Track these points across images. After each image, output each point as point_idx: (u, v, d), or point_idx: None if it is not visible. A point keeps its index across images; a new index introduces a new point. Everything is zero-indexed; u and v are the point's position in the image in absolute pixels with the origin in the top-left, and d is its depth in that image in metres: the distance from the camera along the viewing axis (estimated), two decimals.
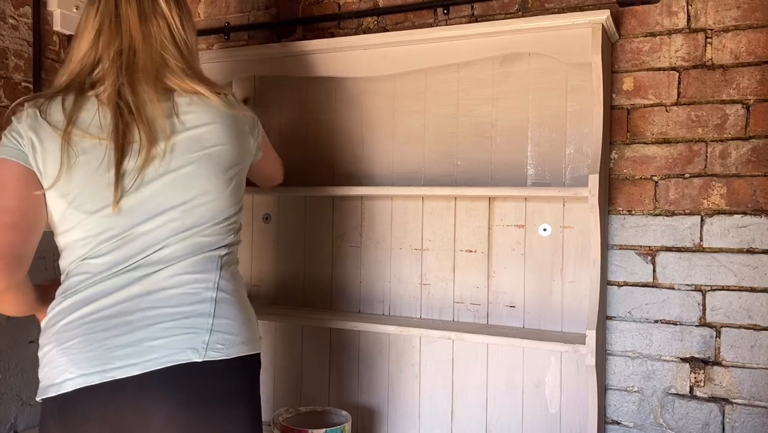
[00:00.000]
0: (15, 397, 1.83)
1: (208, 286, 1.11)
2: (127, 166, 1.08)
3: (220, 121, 1.15)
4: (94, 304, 1.07)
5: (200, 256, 1.12)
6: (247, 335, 1.13)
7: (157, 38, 1.17)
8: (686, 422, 1.69)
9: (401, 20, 2.00)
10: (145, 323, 1.06)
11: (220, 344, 1.07)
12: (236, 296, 1.15)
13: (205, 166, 1.12)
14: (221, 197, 1.14)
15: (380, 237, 1.98)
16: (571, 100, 1.75)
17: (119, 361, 1.03)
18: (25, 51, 1.87)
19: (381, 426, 1.96)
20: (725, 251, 1.66)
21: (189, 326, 1.07)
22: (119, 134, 1.08)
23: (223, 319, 1.10)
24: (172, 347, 1.05)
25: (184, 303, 1.08)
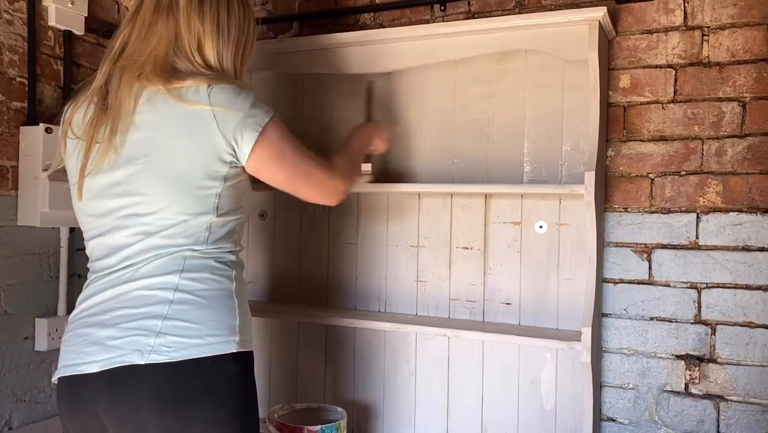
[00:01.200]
0: (9, 393, 1.82)
1: (167, 288, 1.11)
2: (90, 158, 1.14)
3: (173, 123, 1.12)
4: (86, 302, 1.16)
5: (163, 258, 1.12)
6: (207, 337, 1.09)
7: (157, 33, 1.17)
8: (681, 419, 1.69)
9: (398, 17, 2.00)
10: (113, 322, 1.10)
11: (167, 347, 1.06)
12: (203, 298, 1.12)
13: (153, 170, 1.11)
14: (173, 203, 1.12)
15: (376, 234, 1.98)
16: (567, 97, 1.75)
17: (87, 357, 1.10)
18: (20, 46, 1.86)
19: (376, 423, 1.96)
20: (721, 249, 1.66)
21: (141, 328, 1.08)
22: (92, 126, 1.15)
23: (175, 321, 1.09)
24: (124, 347, 1.07)
25: (144, 304, 1.10)
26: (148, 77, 1.12)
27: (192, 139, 1.11)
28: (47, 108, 1.95)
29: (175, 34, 1.17)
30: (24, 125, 1.86)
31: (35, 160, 1.84)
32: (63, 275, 1.95)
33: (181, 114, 1.11)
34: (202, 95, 1.11)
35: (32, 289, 1.89)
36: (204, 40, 1.18)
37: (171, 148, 1.11)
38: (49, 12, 1.93)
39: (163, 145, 1.11)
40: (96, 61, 2.17)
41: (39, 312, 1.91)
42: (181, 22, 1.17)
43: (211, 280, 1.14)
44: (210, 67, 1.19)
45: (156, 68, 1.14)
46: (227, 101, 1.12)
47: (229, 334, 1.12)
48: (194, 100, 1.10)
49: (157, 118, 1.12)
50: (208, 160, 1.12)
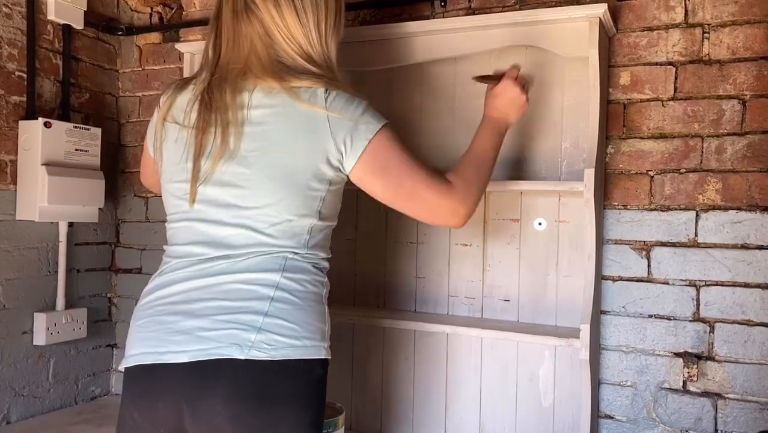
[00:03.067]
0: (8, 388, 1.82)
1: (268, 284, 1.09)
2: (203, 164, 1.12)
3: (286, 119, 1.10)
4: (167, 289, 1.13)
5: (264, 255, 1.11)
6: (304, 339, 1.09)
7: (247, 37, 1.16)
8: (679, 416, 1.70)
9: (398, 12, 1.99)
10: (203, 313, 1.08)
11: (267, 344, 1.05)
12: (300, 299, 1.11)
13: (263, 167, 1.10)
14: (280, 201, 1.10)
15: (375, 230, 1.98)
16: (567, 94, 1.74)
17: (173, 346, 1.07)
18: (19, 40, 1.85)
19: (375, 419, 1.97)
20: (720, 247, 1.66)
21: (240, 322, 1.06)
22: (199, 131, 1.13)
23: (276, 319, 1.07)
24: (220, 340, 1.05)
25: (242, 298, 1.08)
26: (257, 74, 1.12)
27: (305, 140, 1.10)
28: (46, 102, 1.95)
29: (265, 32, 1.16)
30: (23, 119, 1.86)
31: (34, 154, 1.84)
32: (61, 270, 1.95)
33: (298, 113, 1.10)
34: (319, 99, 1.10)
35: (31, 283, 1.89)
36: (291, 29, 1.17)
37: (284, 146, 1.10)
38: (48, 6, 1.92)
39: (277, 141, 1.10)
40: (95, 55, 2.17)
41: (37, 307, 1.91)
42: (265, 20, 1.16)
43: (308, 283, 1.13)
44: (308, 56, 1.17)
45: (263, 67, 1.13)
46: (342, 107, 1.11)
47: (321, 339, 1.12)
48: (311, 102, 1.10)
49: (273, 114, 1.10)
50: (318, 163, 1.11)
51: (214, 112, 1.13)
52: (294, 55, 1.16)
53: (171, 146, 1.18)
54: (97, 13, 2.13)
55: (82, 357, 2.12)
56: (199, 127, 1.13)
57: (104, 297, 2.24)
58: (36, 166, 1.83)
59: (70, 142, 1.92)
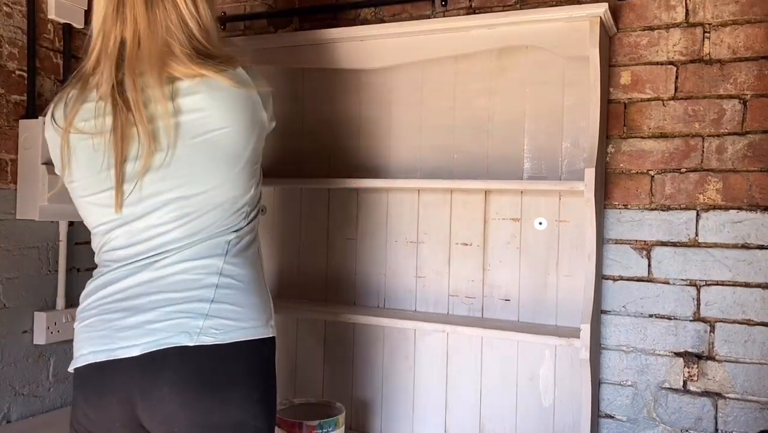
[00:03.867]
0: (8, 387, 1.82)
1: (211, 271, 1.11)
2: (128, 169, 1.08)
3: (224, 102, 1.09)
4: (111, 287, 1.13)
5: (206, 242, 1.12)
6: (250, 321, 1.12)
7: (162, 24, 1.11)
8: (679, 416, 1.69)
9: (399, 12, 1.99)
10: (150, 306, 1.09)
11: (215, 329, 1.08)
12: (245, 282, 1.14)
13: (205, 151, 1.08)
14: (226, 183, 1.11)
15: (376, 229, 1.98)
16: (568, 93, 1.74)
17: (123, 341, 1.08)
18: (19, 39, 1.85)
19: (375, 418, 1.97)
20: (720, 246, 1.66)
21: (187, 311, 1.08)
22: (117, 135, 1.07)
23: (222, 304, 1.10)
24: (169, 330, 1.07)
25: (187, 288, 1.09)
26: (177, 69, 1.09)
27: (245, 118, 1.12)
28: (46, 101, 1.95)
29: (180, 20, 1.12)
30: (23, 118, 1.86)
31: (34, 153, 1.83)
32: (62, 269, 1.95)
33: (231, 94, 1.10)
34: (243, 77, 1.12)
35: (31, 282, 1.89)
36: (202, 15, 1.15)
37: (225, 128, 1.09)
38: (49, 5, 1.92)
39: (218, 124, 1.09)
40: None
41: (38, 306, 1.91)
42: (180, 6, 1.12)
43: (248, 265, 1.16)
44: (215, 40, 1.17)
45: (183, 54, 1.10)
46: (259, 80, 1.15)
47: (267, 318, 1.16)
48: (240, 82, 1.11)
49: (207, 99, 1.08)
50: (259, 136, 1.16)
51: (133, 110, 1.07)
52: (204, 42, 1.14)
53: (84, 158, 1.12)
54: None
55: None
56: (117, 129, 1.08)
57: None
58: (36, 166, 1.82)
59: None
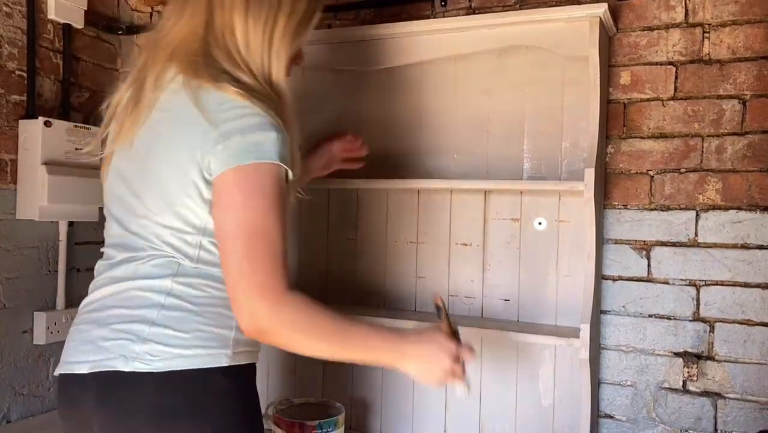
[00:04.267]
0: (8, 387, 1.82)
1: (160, 291, 1.03)
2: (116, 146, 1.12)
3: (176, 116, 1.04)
4: (90, 296, 1.13)
5: (159, 259, 1.05)
6: (193, 348, 1.01)
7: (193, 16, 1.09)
8: (679, 416, 1.69)
9: (398, 12, 1.99)
10: (106, 321, 1.05)
11: (151, 355, 0.99)
12: (196, 305, 1.04)
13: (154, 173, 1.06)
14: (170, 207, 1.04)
15: (375, 229, 1.98)
16: (567, 93, 1.74)
17: (81, 355, 1.06)
18: (19, 39, 1.85)
19: (374, 418, 1.96)
20: (720, 246, 1.66)
21: (129, 331, 1.02)
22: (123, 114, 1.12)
23: (162, 328, 1.01)
24: (112, 350, 1.02)
25: (137, 306, 1.04)
26: (180, 60, 1.06)
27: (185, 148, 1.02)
28: (46, 102, 1.95)
29: (207, 19, 1.08)
30: (23, 119, 1.86)
31: (34, 153, 1.83)
32: (62, 269, 1.95)
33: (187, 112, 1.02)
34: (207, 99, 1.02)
35: (31, 282, 1.89)
36: (234, 19, 1.07)
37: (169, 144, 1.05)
38: (49, 5, 1.92)
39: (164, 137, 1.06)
40: (96, 54, 2.17)
41: (38, 306, 1.91)
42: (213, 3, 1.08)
43: (207, 287, 1.05)
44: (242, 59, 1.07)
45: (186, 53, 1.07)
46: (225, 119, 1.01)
47: (221, 347, 1.04)
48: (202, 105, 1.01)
49: (171, 107, 1.06)
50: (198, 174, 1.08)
51: (138, 87, 1.10)
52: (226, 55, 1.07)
53: None
54: (98, 13, 2.13)
55: None
56: (127, 108, 1.12)
57: None
58: (36, 166, 1.83)
59: (70, 142, 1.92)
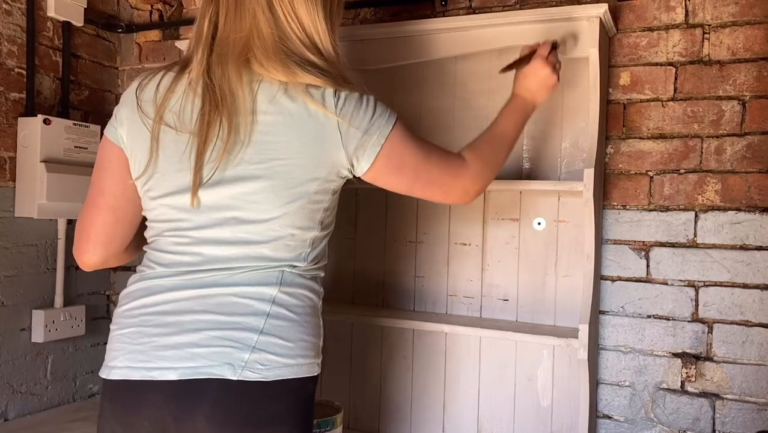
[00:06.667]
0: (6, 385, 1.82)
1: (264, 299, 1.02)
2: (206, 157, 1.02)
3: (297, 126, 1.01)
4: (154, 297, 1.05)
5: (262, 270, 1.04)
6: (298, 358, 1.04)
7: (250, 8, 1.04)
8: (677, 417, 1.70)
9: (399, 12, 1.99)
10: (194, 326, 1.01)
11: (261, 364, 0.99)
12: (297, 315, 1.05)
13: (269, 180, 1.01)
14: (284, 216, 1.03)
15: (375, 229, 1.98)
16: (567, 94, 1.74)
17: (162, 361, 1.01)
18: (19, 37, 1.85)
19: (373, 418, 1.97)
20: (719, 247, 1.66)
21: (233, 339, 1.00)
22: (204, 122, 1.02)
23: (271, 337, 1.01)
24: (212, 358, 0.99)
25: (236, 313, 1.01)
26: (261, 62, 1.02)
27: (315, 150, 1.02)
28: (45, 99, 1.95)
29: (268, 7, 1.04)
30: (22, 116, 1.86)
31: (33, 151, 1.83)
32: (60, 267, 1.95)
33: (306, 117, 1.01)
34: (329, 102, 1.02)
35: (29, 280, 1.89)
36: (298, 9, 1.05)
37: (291, 156, 1.02)
38: (48, 3, 1.92)
39: (284, 150, 1.01)
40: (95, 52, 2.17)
41: (36, 304, 1.91)
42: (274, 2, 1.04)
43: (304, 296, 1.08)
44: (314, 45, 1.06)
45: (266, 50, 1.02)
46: (352, 114, 1.04)
47: (315, 355, 1.08)
48: (321, 105, 1.01)
49: (282, 121, 1.01)
50: (327, 175, 1.05)
51: (218, 95, 1.01)
52: (297, 42, 1.05)
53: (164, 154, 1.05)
54: (97, 11, 2.13)
55: (80, 354, 2.11)
56: (205, 114, 1.02)
57: (103, 295, 2.24)
58: (35, 163, 1.83)
59: (69, 140, 1.92)
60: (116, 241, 1.13)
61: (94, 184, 1.12)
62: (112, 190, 1.11)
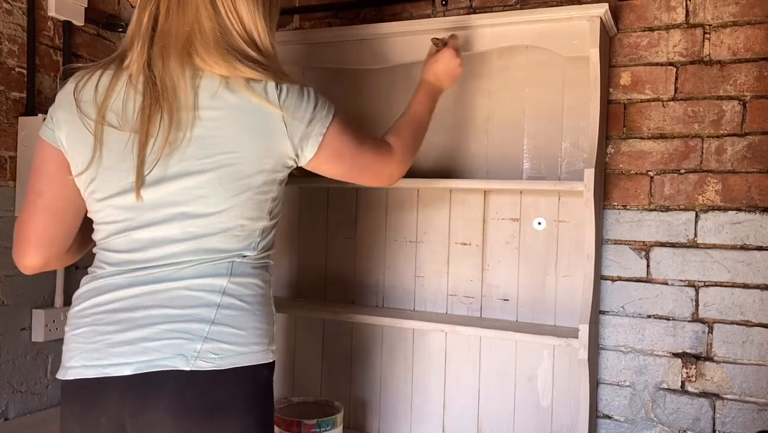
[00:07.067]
0: (6, 384, 1.82)
1: (214, 290, 1.04)
2: (147, 153, 1.02)
3: (242, 120, 1.03)
4: (106, 296, 1.06)
5: (212, 262, 1.05)
6: (251, 345, 1.05)
7: (192, 2, 1.05)
8: (677, 417, 1.70)
9: (399, 11, 1.99)
10: (147, 322, 1.03)
11: (213, 353, 1.01)
12: (248, 303, 1.07)
13: (216, 173, 1.02)
14: (233, 208, 1.04)
15: (375, 228, 1.98)
16: (568, 93, 1.74)
17: (116, 358, 1.02)
18: (19, 36, 1.85)
19: (373, 417, 1.97)
20: (719, 247, 1.66)
21: (185, 331, 1.01)
22: (145, 117, 1.02)
23: (223, 327, 1.03)
24: (165, 351, 1.01)
25: (187, 306, 1.03)
26: (202, 57, 1.02)
27: (261, 142, 1.04)
28: (46, 99, 1.95)
29: (210, 1, 1.05)
30: (22, 116, 1.86)
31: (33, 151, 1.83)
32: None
33: (250, 110, 1.03)
34: (272, 95, 1.04)
35: (30, 280, 1.89)
36: (238, 3, 1.07)
37: (239, 151, 1.03)
38: (49, 2, 1.92)
39: (231, 147, 1.03)
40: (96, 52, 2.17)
41: (36, 303, 1.91)
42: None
43: (255, 285, 1.10)
44: (252, 41, 1.08)
45: (207, 44, 1.03)
46: (295, 106, 1.06)
47: (269, 343, 1.09)
48: (265, 98, 1.03)
49: (226, 115, 1.02)
50: (274, 166, 1.07)
51: (160, 89, 1.01)
52: (237, 37, 1.07)
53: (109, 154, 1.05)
54: (98, 10, 2.12)
55: None
56: (146, 107, 1.01)
57: None
58: None
59: None
60: (57, 243, 1.13)
61: (32, 187, 1.12)
62: (51, 192, 1.11)
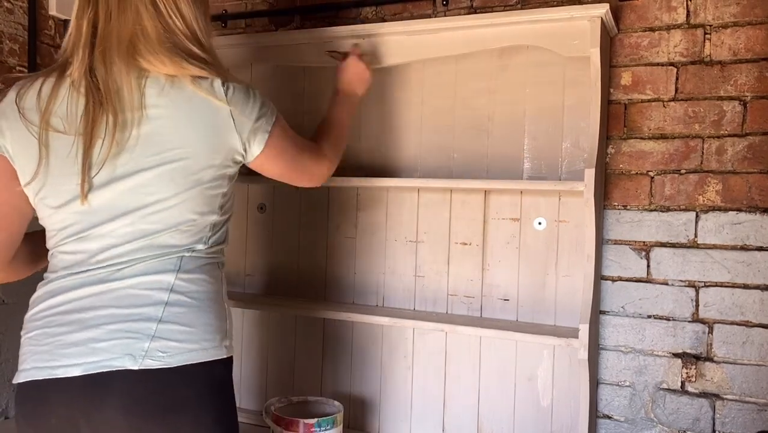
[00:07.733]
0: (6, 383, 1.82)
1: (162, 288, 1.04)
2: (94, 155, 1.03)
3: (189, 116, 1.04)
4: (57, 298, 1.07)
5: (159, 259, 1.05)
6: (201, 342, 1.05)
7: (132, 4, 1.05)
8: (677, 417, 1.70)
9: (400, 11, 1.99)
10: (95, 322, 1.03)
11: (161, 351, 1.01)
12: (197, 300, 1.07)
13: (164, 171, 1.03)
14: (183, 203, 1.05)
15: (375, 228, 1.98)
16: (568, 93, 1.74)
17: (65, 359, 1.03)
18: (20, 35, 1.85)
19: (373, 417, 1.97)
20: (719, 248, 1.66)
21: (132, 330, 1.01)
22: (89, 121, 1.02)
23: (170, 324, 1.03)
24: (113, 351, 1.01)
25: (134, 305, 1.03)
26: (147, 58, 1.03)
27: (209, 137, 1.06)
28: None
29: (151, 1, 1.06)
30: None
31: None
32: None
33: (198, 106, 1.04)
34: (219, 91, 1.06)
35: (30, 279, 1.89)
36: (179, 2, 1.08)
37: (189, 147, 1.04)
38: (50, 1, 1.92)
39: (180, 143, 1.04)
40: None
41: None
42: None
43: (204, 281, 1.09)
44: (196, 39, 1.09)
45: (151, 45, 1.04)
46: (242, 102, 1.09)
47: (221, 339, 1.09)
48: (212, 94, 1.05)
49: (174, 112, 1.03)
50: (223, 161, 1.09)
51: (103, 92, 1.02)
52: (181, 36, 1.07)
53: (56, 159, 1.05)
54: None
55: None
56: (89, 112, 1.02)
57: None
58: None
59: None
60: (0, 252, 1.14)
61: None
62: None
